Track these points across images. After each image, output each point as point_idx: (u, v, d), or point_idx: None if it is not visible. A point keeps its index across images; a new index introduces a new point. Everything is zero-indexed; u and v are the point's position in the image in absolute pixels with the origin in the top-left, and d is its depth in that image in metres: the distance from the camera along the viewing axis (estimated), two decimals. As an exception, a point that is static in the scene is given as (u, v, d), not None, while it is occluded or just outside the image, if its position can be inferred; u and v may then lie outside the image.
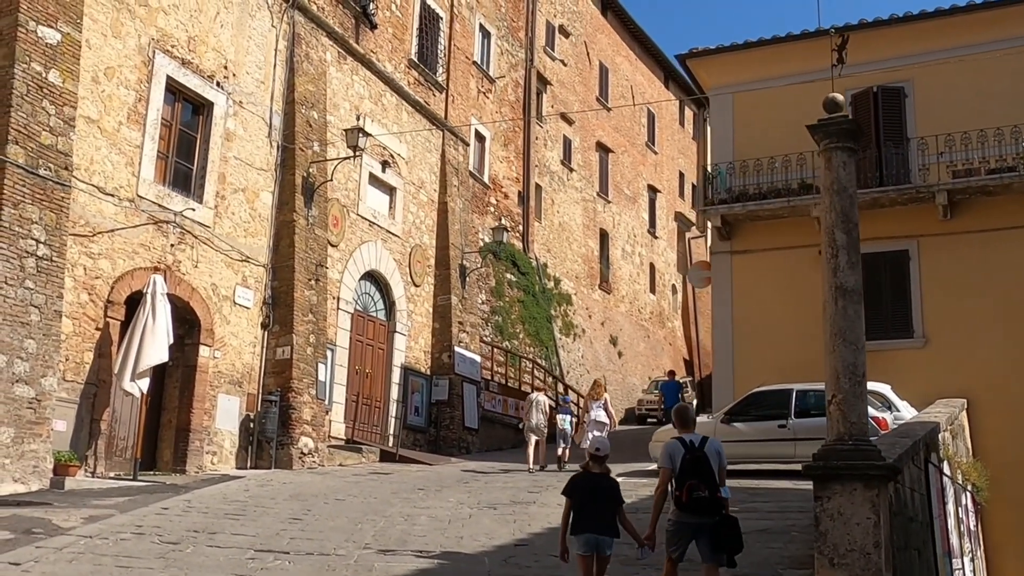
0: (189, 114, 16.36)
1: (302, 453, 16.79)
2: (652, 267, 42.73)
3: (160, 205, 15.22)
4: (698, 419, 16.50)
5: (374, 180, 20.91)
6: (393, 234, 21.43)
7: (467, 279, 23.89)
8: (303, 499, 12.78)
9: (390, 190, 21.57)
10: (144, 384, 13.89)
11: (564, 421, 17.89)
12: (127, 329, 14.09)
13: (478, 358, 23.70)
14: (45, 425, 12.43)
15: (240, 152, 17.03)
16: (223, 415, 16.11)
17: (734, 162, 19.81)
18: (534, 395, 18.59)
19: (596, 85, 38.56)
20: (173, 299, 15.07)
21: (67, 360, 13.38)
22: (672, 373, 31.51)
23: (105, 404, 13.91)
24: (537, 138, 33.69)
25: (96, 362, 13.86)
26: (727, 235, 19.93)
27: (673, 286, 45.22)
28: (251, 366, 16.92)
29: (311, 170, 18.25)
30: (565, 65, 35.97)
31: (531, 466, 17.09)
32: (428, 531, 10.64)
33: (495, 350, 25.91)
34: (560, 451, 17.50)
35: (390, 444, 20.31)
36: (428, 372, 22.34)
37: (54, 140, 13.02)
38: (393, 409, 20.81)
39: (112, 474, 14.12)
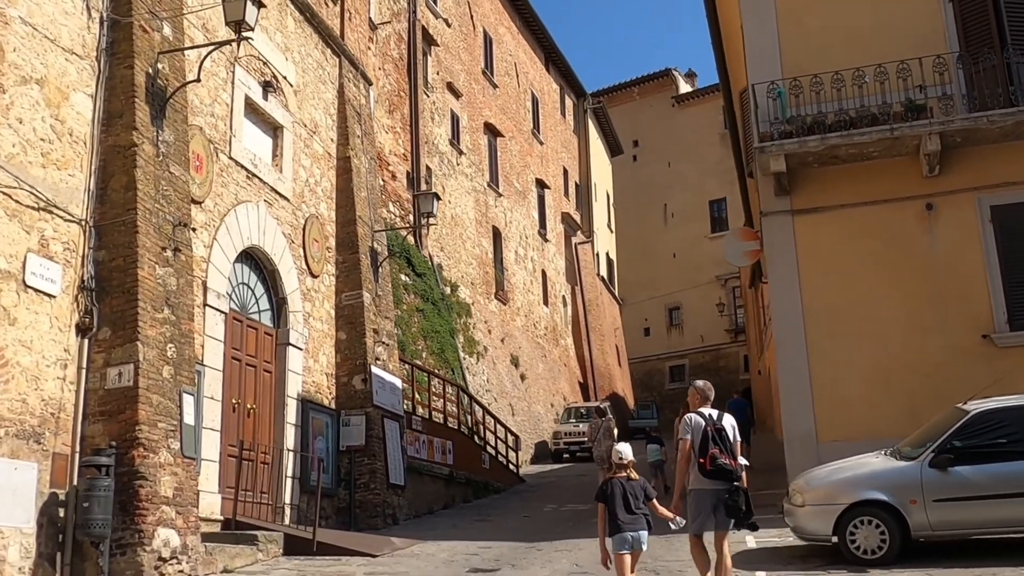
0: (-72, -73, 8.64)
1: (160, 558, 9.12)
2: (544, 275, 36.45)
3: None
4: (871, 456, 10.16)
5: (252, 110, 13.45)
6: (280, 194, 13.98)
7: (380, 269, 16.63)
8: None
9: (274, 129, 14.14)
10: None
11: (655, 452, 17.40)
12: None
13: (399, 382, 16.44)
14: None
15: (32, 14, 9.34)
16: (1, 498, 8.32)
17: (798, 80, 13.57)
18: (601, 420, 17.97)
19: (481, 56, 32.23)
20: None
21: None
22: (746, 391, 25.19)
23: None
24: (424, 109, 26.78)
25: None
26: (787, 187, 13.68)
27: (563, 297, 39.04)
28: (59, 403, 9.15)
29: (160, 66, 10.72)
30: (449, 26, 29.43)
31: None
32: None
33: (415, 371, 18.62)
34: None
35: (287, 520, 12.87)
36: (333, 405, 14.94)
37: None
38: (290, 464, 13.34)
39: None
